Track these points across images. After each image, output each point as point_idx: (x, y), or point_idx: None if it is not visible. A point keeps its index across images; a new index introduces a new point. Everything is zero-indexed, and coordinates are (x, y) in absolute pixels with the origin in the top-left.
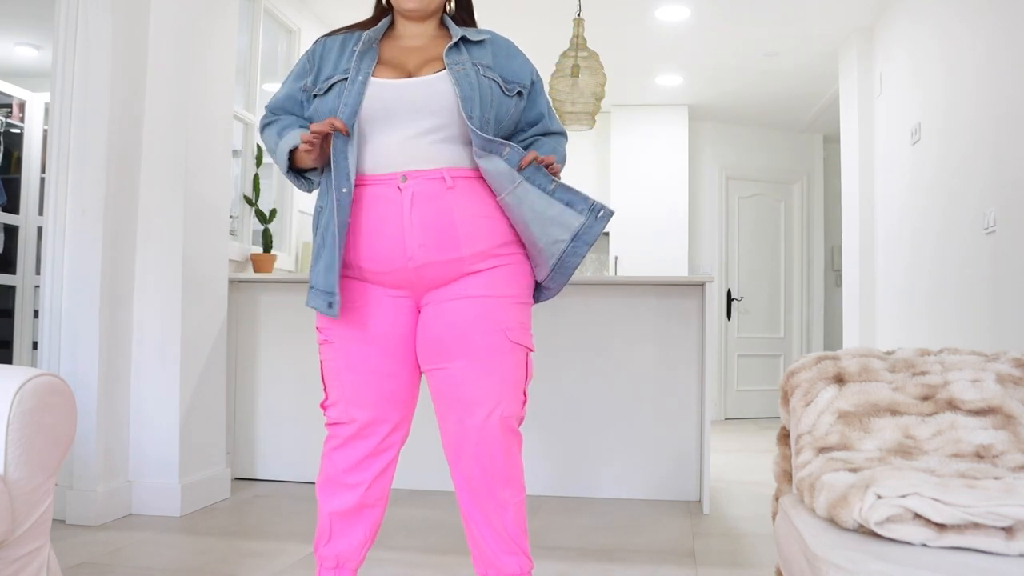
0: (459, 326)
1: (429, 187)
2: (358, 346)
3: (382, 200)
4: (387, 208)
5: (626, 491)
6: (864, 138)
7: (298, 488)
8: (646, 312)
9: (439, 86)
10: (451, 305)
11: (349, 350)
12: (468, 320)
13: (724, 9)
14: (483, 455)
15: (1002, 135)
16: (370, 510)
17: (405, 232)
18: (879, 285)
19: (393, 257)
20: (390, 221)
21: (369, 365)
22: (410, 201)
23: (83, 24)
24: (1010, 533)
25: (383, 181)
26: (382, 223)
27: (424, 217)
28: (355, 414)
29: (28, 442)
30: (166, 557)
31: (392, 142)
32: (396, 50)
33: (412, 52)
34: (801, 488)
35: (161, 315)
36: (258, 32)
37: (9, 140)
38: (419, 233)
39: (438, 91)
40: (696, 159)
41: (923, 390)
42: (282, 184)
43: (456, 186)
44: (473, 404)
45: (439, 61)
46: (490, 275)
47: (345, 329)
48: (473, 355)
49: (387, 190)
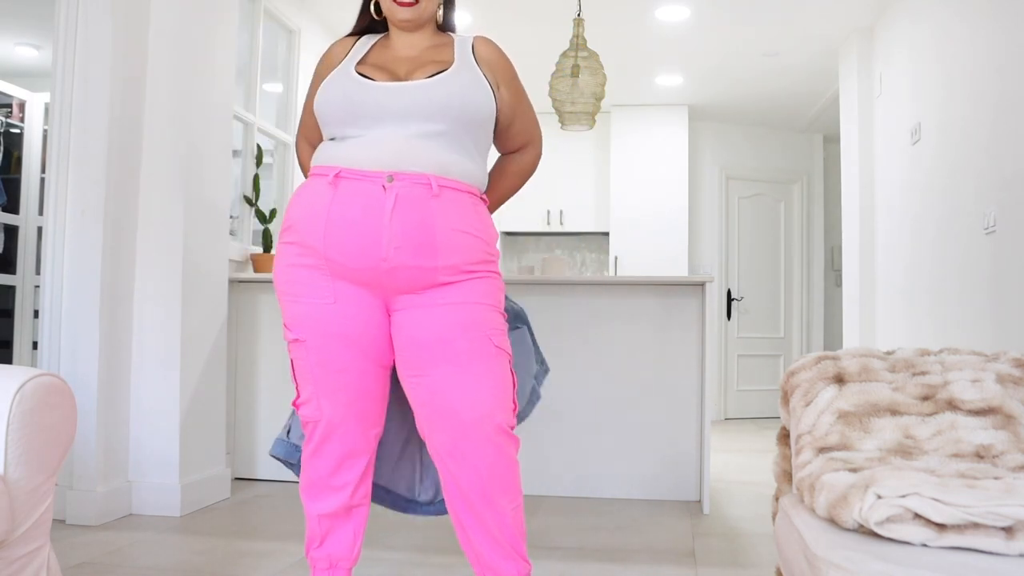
0: (440, 332)
1: (414, 191)
2: (328, 343)
3: (365, 195)
4: (368, 204)
5: (626, 491)
6: (864, 138)
7: (298, 488)
8: (646, 312)
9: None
10: (430, 312)
11: (319, 347)
12: (449, 325)
13: (724, 9)
14: (482, 465)
15: (1002, 135)
16: (357, 509)
17: (383, 232)
18: (879, 285)
19: (367, 254)
20: (370, 218)
21: (340, 362)
22: (393, 202)
23: (83, 24)
24: (1010, 533)
25: (368, 177)
26: (362, 218)
27: (405, 221)
28: (327, 411)
29: (28, 442)
30: (166, 557)
31: (382, 140)
32: (387, 57)
33: (403, 61)
34: (801, 488)
35: (161, 315)
36: (258, 32)
37: (9, 140)
38: (398, 236)
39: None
40: (696, 159)
41: (923, 390)
42: (282, 184)
43: (441, 195)
44: (464, 412)
45: (432, 65)
46: (465, 285)
47: (314, 326)
48: (458, 361)
49: (372, 187)
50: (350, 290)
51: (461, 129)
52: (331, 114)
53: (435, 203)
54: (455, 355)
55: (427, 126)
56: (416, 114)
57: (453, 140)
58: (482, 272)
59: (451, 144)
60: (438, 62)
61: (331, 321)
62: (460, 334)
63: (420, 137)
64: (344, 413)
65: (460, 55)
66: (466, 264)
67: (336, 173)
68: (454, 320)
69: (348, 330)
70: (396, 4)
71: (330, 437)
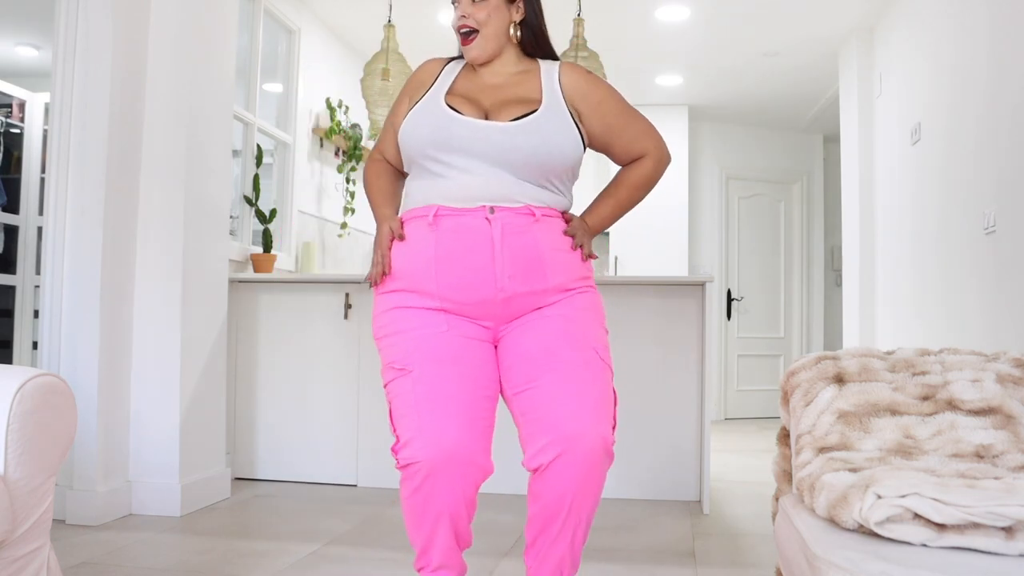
0: (547, 343)
1: (517, 220)
2: (440, 369)
3: (470, 230)
4: (474, 238)
5: (626, 491)
6: (864, 138)
7: (298, 488)
8: (646, 312)
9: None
10: (536, 324)
11: (430, 374)
12: (555, 335)
13: (724, 9)
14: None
15: (1002, 135)
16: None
17: (496, 263)
18: (879, 285)
19: (483, 287)
20: (480, 251)
21: (449, 389)
22: (500, 232)
23: (83, 24)
24: (1010, 533)
25: (469, 212)
26: (471, 253)
27: (514, 248)
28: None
29: (28, 442)
30: (166, 557)
31: (475, 174)
32: (475, 86)
33: (489, 90)
34: (801, 488)
35: (161, 315)
36: (258, 32)
37: (9, 140)
38: (509, 264)
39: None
40: (696, 159)
41: (923, 390)
42: (282, 184)
43: (541, 220)
44: (565, 423)
45: (517, 105)
46: (569, 301)
47: (425, 354)
48: (564, 370)
49: (475, 220)
50: (464, 322)
51: (550, 172)
52: (417, 146)
53: (537, 227)
54: (561, 364)
55: (515, 168)
56: (503, 157)
57: (541, 178)
58: (582, 287)
59: (540, 180)
60: (523, 102)
61: (442, 347)
62: (566, 344)
63: (512, 176)
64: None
65: (547, 90)
66: (570, 281)
67: (435, 212)
68: (559, 330)
69: (460, 355)
70: (462, 44)
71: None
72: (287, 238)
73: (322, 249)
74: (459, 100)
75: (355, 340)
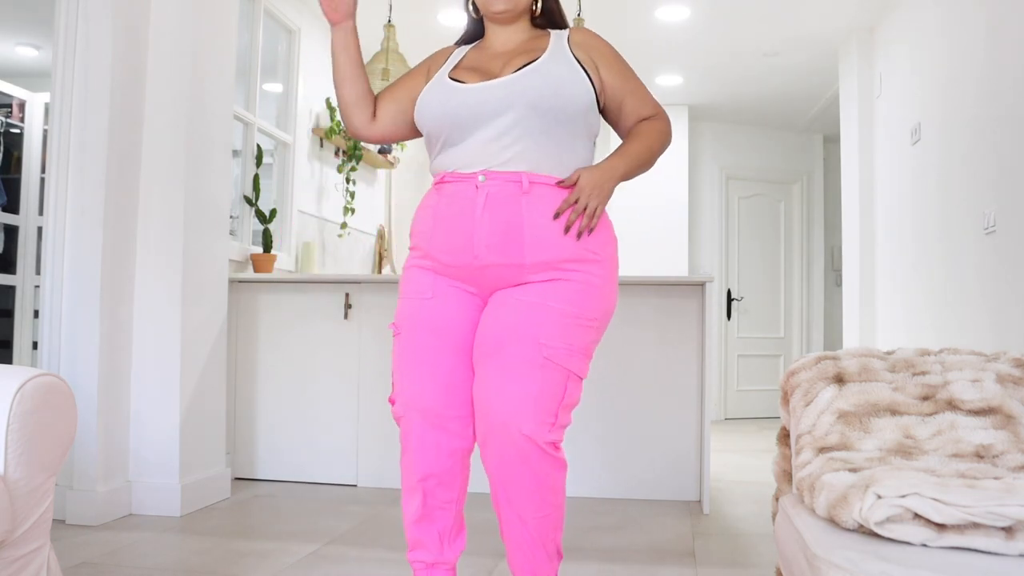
0: (497, 331)
1: (505, 189)
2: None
3: (459, 196)
4: (463, 204)
5: (626, 491)
6: (864, 138)
7: (298, 488)
8: (646, 312)
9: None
10: (505, 304)
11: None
12: (508, 327)
13: (724, 9)
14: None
15: (1002, 135)
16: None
17: (475, 230)
18: (879, 285)
19: (461, 252)
20: (464, 217)
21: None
22: (484, 201)
23: (83, 24)
24: (1010, 533)
25: (464, 179)
26: (457, 218)
27: (495, 219)
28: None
29: (28, 442)
30: (166, 557)
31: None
32: (484, 57)
33: (499, 57)
34: (801, 488)
35: (161, 315)
36: (258, 32)
37: (9, 140)
38: (487, 233)
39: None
40: (696, 159)
41: (923, 390)
42: (282, 184)
43: (531, 191)
44: (492, 414)
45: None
46: (548, 286)
47: (409, 319)
48: (502, 363)
49: (466, 187)
50: (450, 287)
51: (554, 122)
52: (430, 122)
53: (525, 199)
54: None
55: (518, 122)
56: (506, 111)
57: (547, 133)
58: (572, 272)
59: (545, 138)
60: (529, 52)
61: (425, 315)
62: (510, 336)
63: (512, 134)
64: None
65: (554, 45)
66: (558, 261)
67: (440, 178)
68: (513, 323)
69: (438, 324)
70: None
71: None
72: (287, 238)
73: (322, 249)
74: (465, 72)
75: (355, 340)
